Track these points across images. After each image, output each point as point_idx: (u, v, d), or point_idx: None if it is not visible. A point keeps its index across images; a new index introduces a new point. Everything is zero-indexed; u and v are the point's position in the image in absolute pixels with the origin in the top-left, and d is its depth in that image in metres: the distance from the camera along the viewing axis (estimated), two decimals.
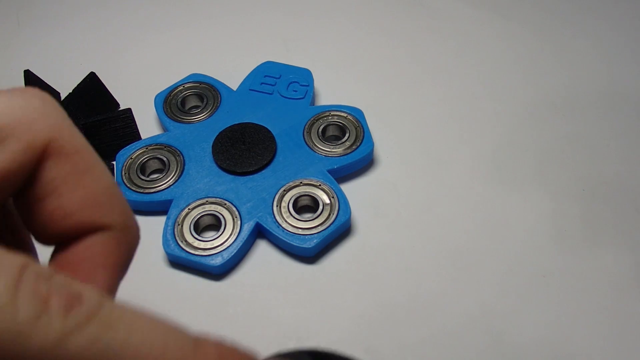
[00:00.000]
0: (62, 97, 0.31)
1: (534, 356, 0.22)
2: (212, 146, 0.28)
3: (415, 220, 0.27)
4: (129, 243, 0.13)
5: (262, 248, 0.26)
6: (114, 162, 0.27)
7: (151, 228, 0.26)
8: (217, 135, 0.28)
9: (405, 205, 0.27)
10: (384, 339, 0.23)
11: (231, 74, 0.31)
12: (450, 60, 0.34)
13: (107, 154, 0.28)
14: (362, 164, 0.28)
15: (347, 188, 0.27)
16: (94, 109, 0.29)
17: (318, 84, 0.31)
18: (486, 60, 0.34)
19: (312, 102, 0.30)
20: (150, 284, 0.25)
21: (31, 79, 0.30)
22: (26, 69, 0.30)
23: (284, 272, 0.25)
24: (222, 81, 0.31)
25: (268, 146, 0.27)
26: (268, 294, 0.24)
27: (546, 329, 0.23)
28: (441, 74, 0.33)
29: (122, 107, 0.31)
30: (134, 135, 0.28)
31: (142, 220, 0.26)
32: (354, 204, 0.26)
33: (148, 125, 0.30)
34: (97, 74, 0.30)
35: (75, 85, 0.30)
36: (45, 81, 0.31)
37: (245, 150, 0.27)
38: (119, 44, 0.35)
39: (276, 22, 0.36)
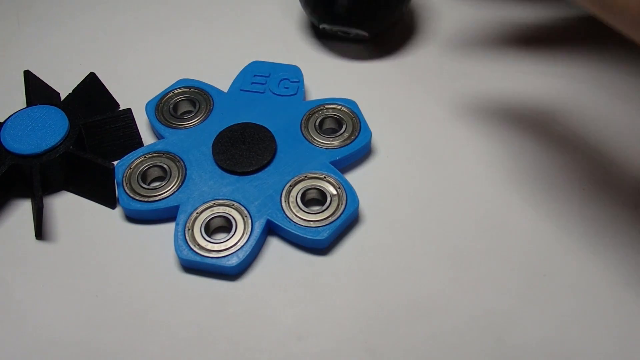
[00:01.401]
0: (62, 97, 0.30)
1: (535, 356, 0.22)
2: (212, 149, 0.28)
3: (413, 224, 0.27)
4: None
5: (273, 245, 0.26)
6: (115, 162, 0.27)
7: (159, 236, 0.26)
8: (216, 138, 0.28)
9: (408, 193, 0.28)
10: (384, 340, 0.23)
11: (219, 77, 0.31)
12: (449, 59, 0.34)
13: (107, 154, 0.28)
14: (362, 154, 0.28)
15: (349, 179, 0.28)
16: (93, 109, 0.29)
17: (305, 80, 0.32)
18: (484, 58, 0.34)
19: (304, 98, 0.31)
20: (166, 291, 0.24)
21: (30, 79, 0.29)
22: (26, 69, 0.30)
23: (279, 275, 0.25)
24: (212, 84, 0.31)
25: (268, 144, 0.28)
26: (264, 295, 0.24)
27: (547, 328, 0.23)
28: (439, 71, 0.33)
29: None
30: (134, 135, 0.28)
31: (149, 230, 0.27)
32: (358, 194, 0.27)
33: (142, 133, 0.30)
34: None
35: (75, 86, 0.29)
36: (45, 81, 0.30)
37: (245, 150, 0.27)
38: (117, 45, 0.35)
39: (258, 22, 0.36)
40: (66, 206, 0.27)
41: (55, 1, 0.38)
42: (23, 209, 0.27)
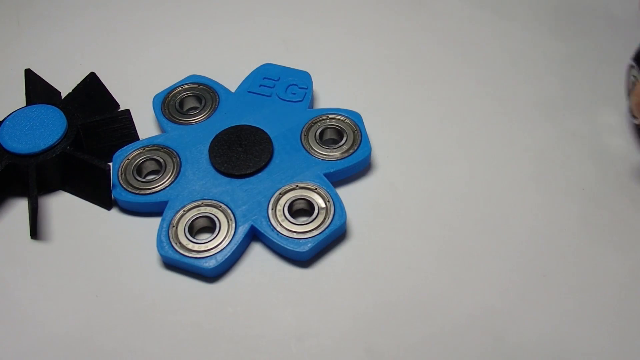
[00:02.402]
0: (62, 96, 0.31)
1: (535, 356, 0.22)
2: (209, 148, 0.28)
3: (414, 224, 0.26)
4: None
5: (257, 251, 0.26)
6: (111, 163, 0.27)
7: (146, 229, 0.26)
8: (214, 137, 0.28)
9: (403, 209, 0.27)
10: (384, 340, 0.23)
11: (230, 76, 0.31)
12: (450, 61, 0.34)
13: (104, 155, 0.28)
14: (359, 168, 0.28)
15: (345, 192, 0.27)
16: (93, 109, 0.29)
17: (318, 86, 0.31)
18: (486, 61, 0.34)
19: (311, 105, 0.30)
20: (145, 285, 0.25)
21: (32, 78, 0.30)
22: (27, 68, 0.30)
23: (280, 275, 0.25)
24: (221, 83, 0.31)
25: (265, 149, 0.27)
26: (264, 295, 0.24)
27: (547, 328, 0.23)
28: (441, 75, 0.33)
29: (121, 107, 0.31)
30: (132, 136, 0.28)
31: (137, 222, 0.27)
32: (351, 208, 0.26)
33: (146, 126, 0.30)
34: (97, 74, 0.30)
35: (75, 85, 0.30)
36: (44, 81, 0.31)
37: (242, 152, 0.27)
38: (119, 44, 0.35)
39: (276, 23, 0.36)
40: (62, 206, 0.27)
41: (55, 1, 0.38)
42: (19, 208, 0.27)
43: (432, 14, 0.37)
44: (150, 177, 0.27)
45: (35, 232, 0.26)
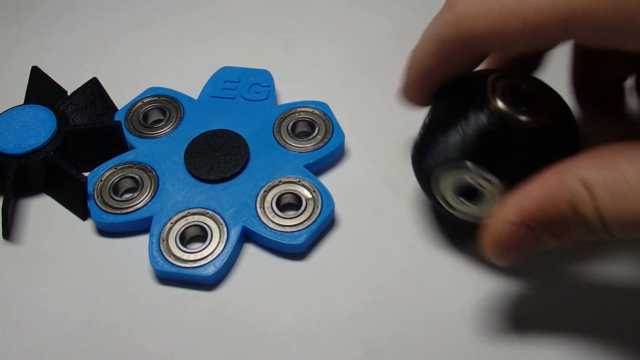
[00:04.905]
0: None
1: (535, 355, 0.23)
2: (184, 157, 0.27)
3: (397, 205, 0.27)
4: None
5: (250, 252, 0.26)
6: (87, 174, 0.27)
7: (134, 249, 0.26)
8: (188, 146, 0.28)
9: (382, 192, 0.28)
10: (384, 336, 0.23)
11: (189, 84, 0.31)
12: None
13: (92, 163, 0.27)
14: (336, 156, 0.28)
15: (324, 180, 0.28)
16: (92, 114, 0.29)
17: (276, 84, 0.31)
18: None
19: (276, 102, 0.31)
20: (144, 304, 0.24)
21: (37, 76, 0.29)
22: (34, 65, 0.30)
23: (276, 272, 0.25)
24: (182, 91, 0.30)
25: (241, 150, 0.27)
26: (262, 294, 0.24)
27: (546, 328, 0.23)
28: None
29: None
30: (122, 148, 0.28)
31: (123, 243, 0.26)
32: (333, 196, 0.26)
33: None
34: (96, 74, 0.30)
35: (76, 89, 0.29)
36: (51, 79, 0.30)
37: (218, 156, 0.27)
38: (119, 45, 0.35)
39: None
40: (43, 210, 0.27)
41: (55, 2, 0.38)
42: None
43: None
44: (127, 196, 0.26)
45: (7, 232, 0.26)
